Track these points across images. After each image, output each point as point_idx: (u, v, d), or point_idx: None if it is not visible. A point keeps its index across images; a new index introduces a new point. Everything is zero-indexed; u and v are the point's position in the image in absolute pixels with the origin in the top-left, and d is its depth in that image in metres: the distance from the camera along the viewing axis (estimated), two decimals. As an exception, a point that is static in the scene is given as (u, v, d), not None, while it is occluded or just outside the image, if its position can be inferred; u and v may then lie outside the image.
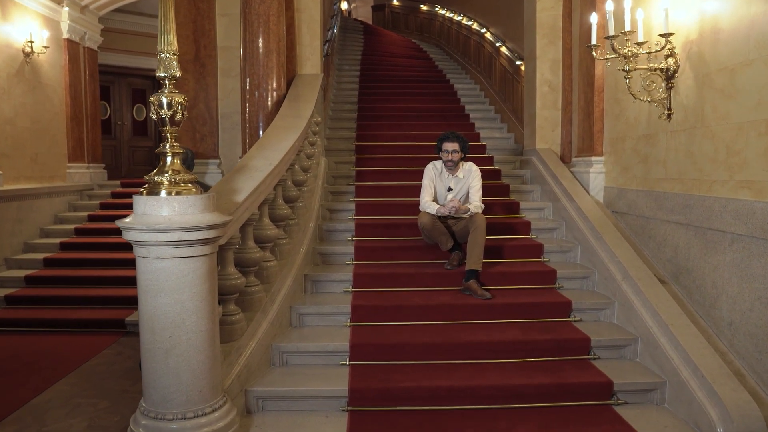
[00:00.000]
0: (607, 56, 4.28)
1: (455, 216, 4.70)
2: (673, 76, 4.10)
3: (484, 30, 9.50)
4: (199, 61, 5.97)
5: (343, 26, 12.93)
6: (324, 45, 7.11)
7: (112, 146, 12.44)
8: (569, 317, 4.20)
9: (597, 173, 5.32)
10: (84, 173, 9.04)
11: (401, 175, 6.15)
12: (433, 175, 4.79)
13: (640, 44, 4.10)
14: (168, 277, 2.70)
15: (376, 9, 16.69)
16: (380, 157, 6.62)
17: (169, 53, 2.77)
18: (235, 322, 3.36)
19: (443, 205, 4.59)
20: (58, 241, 7.43)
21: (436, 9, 13.10)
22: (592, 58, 5.32)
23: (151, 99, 2.78)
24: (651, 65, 4.14)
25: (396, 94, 8.89)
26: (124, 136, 12.71)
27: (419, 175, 5.50)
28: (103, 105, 12.18)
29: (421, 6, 14.26)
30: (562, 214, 5.39)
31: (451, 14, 11.86)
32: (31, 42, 7.50)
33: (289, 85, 5.61)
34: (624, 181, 4.93)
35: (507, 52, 8.22)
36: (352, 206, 5.58)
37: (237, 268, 3.52)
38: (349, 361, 3.68)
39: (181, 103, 2.79)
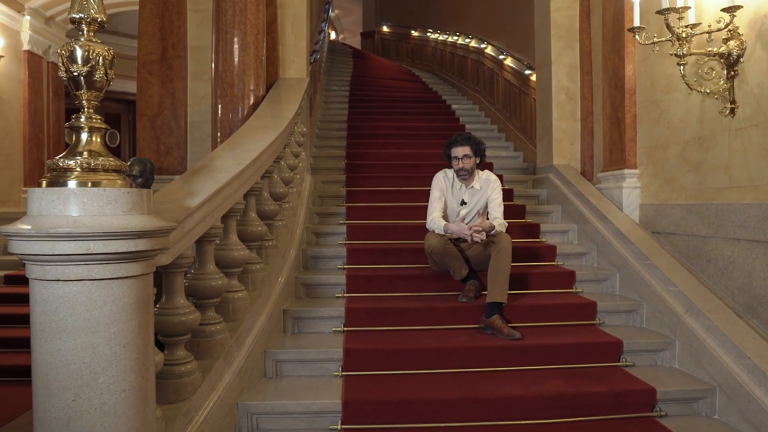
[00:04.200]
0: (655, 39, 3.53)
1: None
2: (736, 62, 3.34)
3: (483, 45, 8.86)
4: (165, 62, 5.16)
5: (331, 49, 12.31)
6: (311, 54, 6.37)
7: (82, 174, 11.52)
8: (619, 361, 3.32)
9: (631, 188, 4.52)
10: (42, 199, 8.11)
11: (399, 195, 5.32)
12: (443, 185, 3.94)
13: (693, 26, 3.38)
14: (73, 310, 1.79)
15: (365, 36, 16.17)
16: (374, 176, 5.80)
17: (89, -13, 1.94)
18: (184, 374, 2.43)
19: (458, 222, 3.71)
20: (2, 273, 6.45)
21: (428, 34, 12.54)
22: (621, 57, 4.61)
23: (60, 50, 1.93)
24: (709, 49, 3.39)
25: (389, 114, 8.15)
26: (94, 163, 11.78)
27: (420, 195, 4.72)
28: (73, 130, 11.33)
29: (412, 32, 13.71)
30: (592, 237, 4.56)
31: (445, 36, 11.27)
32: (-19, 49, 6.68)
33: (269, 89, 4.81)
34: (667, 196, 4.12)
35: (512, 64, 7.53)
36: (343, 229, 4.71)
37: (190, 299, 2.63)
38: (342, 425, 2.75)
39: (104, 56, 1.93)
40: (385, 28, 15.14)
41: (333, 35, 19.07)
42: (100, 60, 1.92)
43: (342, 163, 6.22)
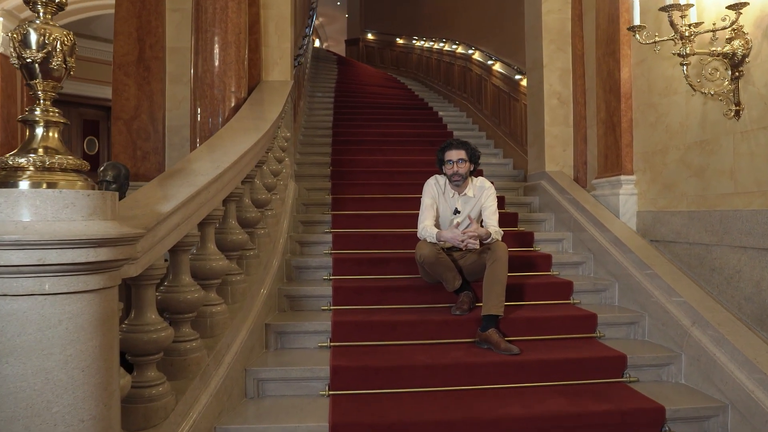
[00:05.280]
0: (656, 39, 3.39)
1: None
2: (741, 62, 3.21)
3: (471, 51, 8.73)
4: (143, 63, 4.92)
5: (315, 56, 12.14)
6: (295, 58, 6.18)
7: (60, 182, 11.10)
8: (623, 377, 3.14)
9: (628, 195, 4.36)
10: (14, 208, 7.79)
11: (387, 202, 5.12)
12: (435, 192, 3.74)
13: (696, 24, 3.24)
14: (22, 330, 1.56)
15: (350, 43, 16.03)
16: (361, 183, 5.59)
17: (47, -40, 1.72)
18: (155, 397, 2.19)
19: (452, 229, 3.51)
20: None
21: (414, 41, 12.41)
22: (616, 60, 4.47)
23: (12, 33, 1.71)
24: (713, 49, 3.25)
25: (375, 120, 7.98)
26: (72, 171, 11.39)
27: (409, 203, 4.54)
28: (50, 136, 10.98)
29: (397, 39, 13.59)
30: (589, 246, 4.39)
31: (431, 43, 11.14)
32: (-52, 50, 6.37)
33: (252, 93, 4.59)
34: (667, 203, 3.98)
35: (501, 69, 7.40)
36: (329, 238, 4.49)
37: (165, 314, 2.41)
38: (330, 451, 2.53)
39: (62, 41, 1.71)
40: (369, 36, 15.01)
41: (317, 43, 18.93)
42: (58, 45, 1.70)
43: (327, 170, 6.02)
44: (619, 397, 2.91)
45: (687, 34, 3.23)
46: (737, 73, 3.24)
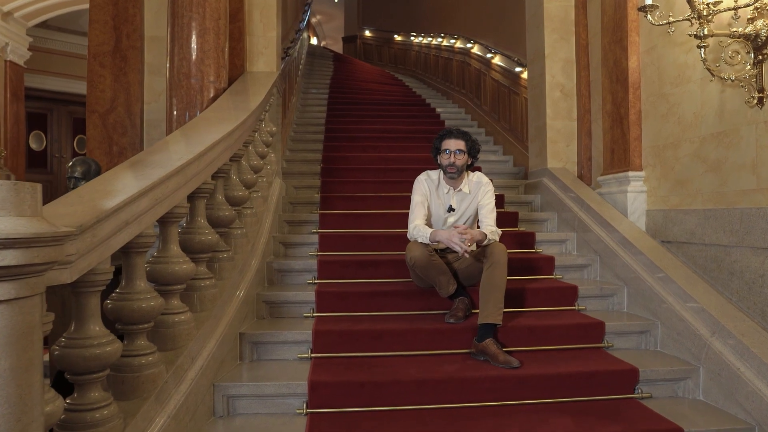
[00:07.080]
0: (670, 19, 3.09)
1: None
2: (765, 44, 2.91)
3: (470, 45, 8.43)
4: (119, 53, 4.62)
5: (311, 52, 11.86)
6: (285, 50, 5.89)
7: (48, 181, 10.82)
8: (635, 393, 2.83)
9: (636, 193, 4.06)
10: (-4, 208, 7.49)
11: (380, 201, 4.83)
12: (426, 189, 3.44)
13: (715, 3, 2.95)
14: None
15: (347, 40, 15.74)
16: (353, 181, 5.30)
17: None
18: (99, 422, 1.89)
19: (450, 229, 3.22)
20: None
21: (412, 38, 12.12)
22: (623, 48, 4.17)
23: None
24: (734, 30, 2.95)
25: (371, 117, 7.68)
26: (62, 170, 11.15)
27: (403, 202, 4.25)
28: (39, 135, 10.73)
29: (395, 36, 13.30)
30: (595, 247, 4.09)
31: (429, 39, 10.84)
32: None
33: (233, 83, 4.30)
34: (679, 200, 3.67)
35: (501, 62, 7.09)
36: (315, 239, 4.19)
37: (117, 325, 2.12)
38: (303, 481, 2.23)
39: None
40: (367, 33, 14.72)
41: (314, 41, 18.67)
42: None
43: (318, 167, 5.73)
44: (632, 416, 2.60)
45: (705, 13, 2.93)
46: (761, 57, 2.93)
